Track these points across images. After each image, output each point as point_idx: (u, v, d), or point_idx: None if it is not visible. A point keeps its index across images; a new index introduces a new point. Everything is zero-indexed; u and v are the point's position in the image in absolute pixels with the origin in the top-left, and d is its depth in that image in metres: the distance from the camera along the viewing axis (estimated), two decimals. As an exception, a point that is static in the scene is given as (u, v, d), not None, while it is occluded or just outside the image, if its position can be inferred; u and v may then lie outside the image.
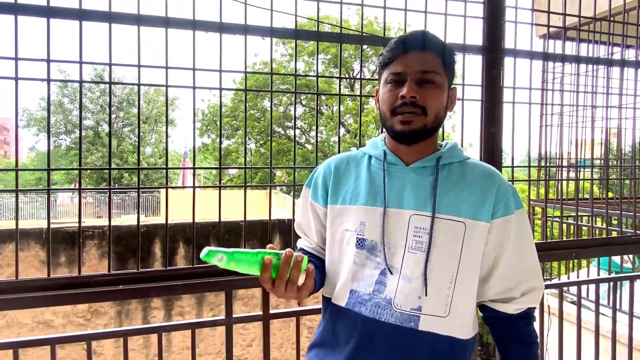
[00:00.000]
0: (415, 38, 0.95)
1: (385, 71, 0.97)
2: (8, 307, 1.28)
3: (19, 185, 1.30)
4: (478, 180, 0.96)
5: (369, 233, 0.94)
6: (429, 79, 0.93)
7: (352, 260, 0.95)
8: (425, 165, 0.97)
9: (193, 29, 1.44)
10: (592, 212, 2.49)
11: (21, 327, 5.11)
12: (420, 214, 0.93)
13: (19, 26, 1.31)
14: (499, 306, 0.98)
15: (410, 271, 0.91)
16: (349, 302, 0.95)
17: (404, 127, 0.93)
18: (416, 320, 0.90)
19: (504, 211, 0.95)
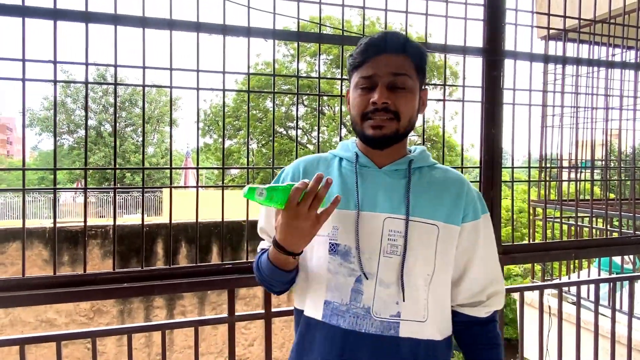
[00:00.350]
0: (386, 40, 0.92)
1: (355, 74, 0.94)
2: (16, 304, 1.30)
3: (21, 185, 1.33)
4: (448, 185, 0.97)
5: (342, 238, 0.91)
6: (400, 83, 0.90)
7: (325, 267, 0.91)
8: (398, 168, 0.96)
9: (197, 31, 1.46)
10: (592, 213, 2.51)
11: (24, 325, 5.14)
12: (394, 217, 0.91)
13: (25, 27, 1.33)
14: (469, 311, 0.99)
15: (386, 276, 0.89)
16: (325, 315, 0.91)
17: (375, 132, 0.91)
18: (396, 327, 0.89)
19: (473, 215, 0.97)
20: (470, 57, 1.84)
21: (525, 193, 11.06)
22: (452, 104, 9.30)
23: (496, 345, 1.00)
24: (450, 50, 1.78)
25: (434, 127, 14.28)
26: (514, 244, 1.93)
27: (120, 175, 17.92)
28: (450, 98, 1.89)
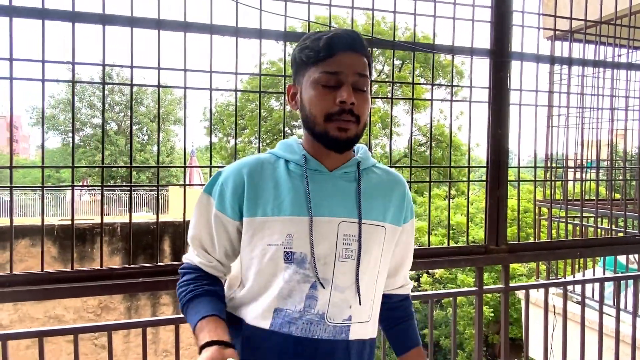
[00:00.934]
0: (350, 38, 0.89)
1: (315, 69, 0.88)
2: (36, 298, 1.34)
3: (28, 183, 1.36)
4: (393, 186, 1.00)
5: (297, 245, 0.87)
6: (362, 85, 0.89)
7: (281, 277, 0.88)
8: (347, 171, 0.95)
9: (210, 33, 1.50)
10: (597, 212, 2.52)
11: (33, 321, 5.21)
12: (348, 221, 0.90)
13: (44, 30, 1.37)
14: (402, 291, 1.10)
15: (341, 281, 0.89)
16: (274, 324, 0.88)
17: (340, 134, 0.88)
18: (347, 331, 0.90)
19: (410, 215, 1.04)
20: (477, 58, 1.87)
21: (530, 193, 11.05)
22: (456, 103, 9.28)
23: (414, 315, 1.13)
24: (458, 51, 1.81)
25: (438, 127, 14.26)
26: (519, 242, 1.96)
27: (126, 173, 18.03)
28: (456, 98, 1.91)
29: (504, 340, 1.94)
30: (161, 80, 1.46)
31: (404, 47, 1.78)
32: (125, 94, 19.05)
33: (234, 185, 0.92)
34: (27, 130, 32.99)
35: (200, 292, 0.91)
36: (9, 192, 1.31)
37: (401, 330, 1.08)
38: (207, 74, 1.51)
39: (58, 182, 18.57)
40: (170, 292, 5.42)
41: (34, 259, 5.21)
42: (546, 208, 4.06)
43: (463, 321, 10.81)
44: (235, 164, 0.95)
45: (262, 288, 0.90)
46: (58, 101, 19.00)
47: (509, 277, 1.93)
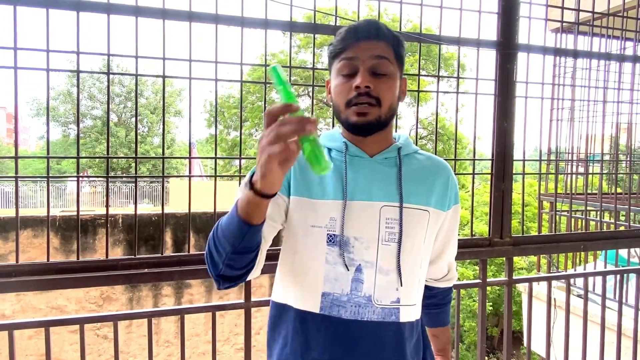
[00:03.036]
0: (367, 26, 0.91)
1: (337, 61, 0.93)
2: (40, 288, 1.34)
3: (29, 174, 1.36)
4: (437, 171, 1.00)
5: (340, 228, 0.90)
6: (381, 68, 0.90)
7: (323, 259, 0.90)
8: (388, 156, 0.96)
9: (216, 23, 1.48)
10: (601, 206, 2.52)
11: (35, 311, 5.24)
12: (390, 205, 0.92)
13: (49, 18, 1.36)
14: (441, 284, 1.13)
15: (385, 264, 0.91)
16: (323, 307, 0.89)
17: (359, 118, 0.90)
18: (397, 313, 0.92)
19: (455, 200, 1.03)
20: (483, 50, 1.85)
21: (532, 187, 11.04)
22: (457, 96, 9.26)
23: (450, 301, 1.18)
24: (465, 42, 1.79)
25: (439, 120, 14.24)
26: (523, 235, 1.95)
27: (126, 165, 18.02)
28: (460, 91, 1.90)
29: (507, 333, 1.94)
30: (161, 71, 1.45)
31: (410, 38, 1.77)
32: (125, 86, 18.98)
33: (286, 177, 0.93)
34: (28, 122, 32.93)
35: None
36: (15, 183, 1.31)
37: (433, 314, 1.16)
38: (209, 65, 1.50)
39: (59, 173, 18.57)
40: (172, 284, 5.44)
41: (36, 249, 5.23)
42: (549, 202, 4.06)
43: (462, 314, 10.86)
44: None
45: (307, 270, 0.91)
46: (58, 92, 18.94)
47: (512, 270, 1.94)
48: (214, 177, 1.52)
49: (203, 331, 5.56)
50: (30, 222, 5.23)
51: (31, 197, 13.63)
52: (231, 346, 5.59)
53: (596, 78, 3.60)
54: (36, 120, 18.79)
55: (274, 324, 0.98)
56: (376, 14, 1.80)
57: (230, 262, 0.81)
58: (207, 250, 0.86)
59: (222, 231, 0.81)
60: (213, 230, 0.84)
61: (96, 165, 17.67)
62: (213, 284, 4.38)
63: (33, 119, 19.02)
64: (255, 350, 1.61)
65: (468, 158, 1.95)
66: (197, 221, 5.53)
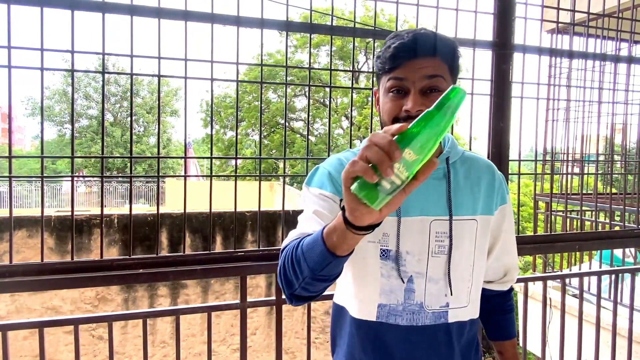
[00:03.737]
0: (420, 43, 0.86)
1: (385, 77, 0.90)
2: (34, 289, 1.33)
3: (24, 174, 1.35)
4: (481, 175, 1.01)
5: (392, 244, 0.93)
6: (434, 86, 0.86)
7: (379, 273, 0.94)
8: (437, 168, 0.95)
9: (211, 22, 1.48)
10: (596, 206, 2.53)
11: (30, 312, 5.20)
12: (440, 219, 0.94)
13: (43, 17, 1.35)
14: (495, 286, 1.12)
15: (435, 274, 0.94)
16: (380, 316, 0.95)
17: None
18: (445, 316, 0.96)
19: (502, 201, 1.03)
20: (479, 50, 1.85)
21: (527, 187, 11.08)
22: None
23: (512, 310, 1.16)
24: (461, 43, 1.79)
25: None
26: (519, 235, 1.96)
27: (122, 165, 17.95)
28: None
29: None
30: (156, 71, 1.44)
31: (406, 38, 1.77)
32: (121, 85, 18.90)
33: (336, 172, 0.93)
34: (23, 121, 32.72)
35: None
36: (9, 182, 1.30)
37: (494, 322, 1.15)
38: (205, 64, 1.49)
39: (54, 173, 18.48)
40: (167, 284, 5.42)
41: (30, 250, 5.19)
42: (545, 202, 4.08)
43: (459, 314, 10.85)
44: (332, 158, 0.99)
45: (363, 282, 0.95)
46: (53, 92, 18.84)
47: (508, 270, 1.94)
48: (210, 177, 1.51)
49: (199, 332, 5.55)
50: (25, 222, 5.19)
51: (26, 197, 13.55)
52: (227, 347, 5.58)
53: (591, 79, 3.62)
54: (31, 119, 18.69)
55: (335, 322, 1.03)
56: (372, 14, 1.79)
57: (307, 287, 0.77)
58: (281, 267, 0.81)
59: (302, 252, 0.74)
60: (292, 248, 0.78)
61: (92, 165, 17.58)
62: (209, 284, 4.33)
63: (28, 118, 18.92)
64: (251, 351, 1.61)
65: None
66: (193, 221, 5.51)
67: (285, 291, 0.81)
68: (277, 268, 0.83)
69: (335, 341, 1.04)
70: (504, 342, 1.14)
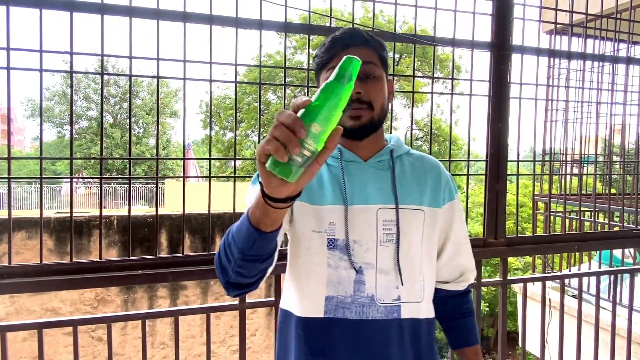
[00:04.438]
0: (349, 35, 0.95)
1: (324, 72, 0.96)
2: (33, 290, 1.34)
3: (23, 175, 1.35)
4: (427, 170, 1.03)
5: (340, 233, 0.92)
6: (369, 72, 0.93)
7: (325, 263, 0.92)
8: (381, 159, 0.99)
9: (210, 24, 1.48)
10: (595, 207, 2.54)
11: (30, 313, 5.20)
12: (386, 207, 0.94)
13: (42, 19, 1.35)
14: (450, 286, 1.10)
15: (385, 264, 0.93)
16: (328, 311, 0.92)
17: (354, 122, 0.93)
18: (398, 310, 0.94)
19: (449, 197, 1.04)
20: (477, 51, 1.86)
21: (526, 187, 11.09)
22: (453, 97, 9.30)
23: (472, 313, 1.13)
24: (459, 44, 1.80)
25: (435, 121, 14.28)
26: (518, 236, 1.96)
27: (121, 166, 17.95)
28: (455, 92, 1.90)
29: (502, 333, 1.95)
30: (155, 72, 1.44)
31: (405, 39, 1.77)
32: (120, 87, 18.91)
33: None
34: (22, 123, 32.73)
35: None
36: (8, 184, 1.30)
37: (452, 327, 1.11)
38: (204, 66, 1.50)
39: (54, 174, 18.48)
40: (167, 285, 5.42)
41: (30, 251, 5.19)
42: (544, 202, 4.08)
43: (458, 314, 10.86)
44: None
45: (310, 274, 0.94)
46: (53, 93, 18.85)
47: (507, 270, 1.94)
48: (209, 178, 1.52)
49: (198, 333, 5.54)
50: (24, 224, 5.19)
51: (25, 199, 13.54)
52: (227, 348, 5.57)
53: (590, 79, 3.63)
54: (31, 121, 18.68)
55: (280, 330, 1.01)
56: (371, 15, 1.80)
57: (239, 270, 0.78)
58: (216, 256, 0.84)
59: (232, 237, 0.77)
60: (225, 235, 0.82)
61: (91, 167, 17.59)
62: (208, 285, 4.34)
63: (28, 119, 18.90)
64: (251, 352, 1.60)
65: (463, 159, 1.97)
66: (192, 222, 5.51)
67: (222, 280, 0.83)
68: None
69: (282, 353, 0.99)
70: (465, 350, 1.09)
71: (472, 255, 1.12)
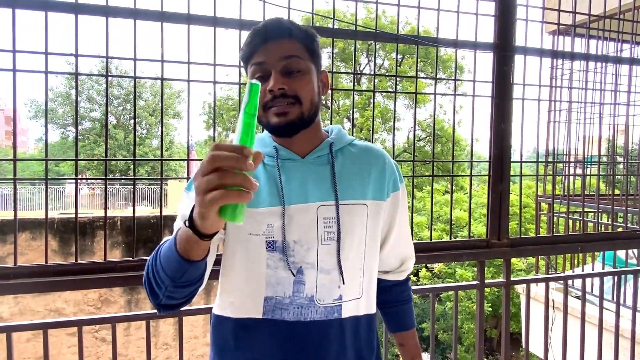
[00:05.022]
0: (271, 27, 0.89)
1: (249, 66, 0.91)
2: (38, 290, 1.35)
3: (27, 176, 1.36)
4: (371, 161, 0.98)
5: (278, 234, 0.88)
6: (293, 66, 0.88)
7: (264, 264, 0.89)
8: (320, 155, 0.94)
9: (214, 26, 1.49)
10: (598, 208, 2.53)
11: (34, 314, 5.22)
12: (325, 204, 0.90)
13: (47, 21, 1.36)
14: (391, 276, 1.09)
15: (326, 264, 0.90)
16: (266, 312, 0.89)
17: (280, 119, 0.87)
18: (339, 310, 0.91)
19: (393, 187, 1.00)
20: (480, 52, 1.86)
21: (529, 188, 11.06)
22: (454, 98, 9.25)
23: (410, 299, 1.14)
24: (462, 45, 1.80)
25: (438, 122, 14.26)
26: (521, 237, 1.96)
27: (125, 167, 18.00)
28: (458, 93, 1.90)
29: (505, 334, 1.95)
30: (159, 74, 1.45)
31: (407, 40, 1.78)
32: (124, 88, 18.97)
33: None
34: (25, 124, 32.88)
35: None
36: (13, 185, 1.31)
37: (391, 314, 1.12)
38: (207, 67, 1.50)
39: (57, 175, 18.55)
40: (170, 286, 5.44)
41: (34, 252, 5.22)
42: (547, 203, 4.07)
43: (461, 315, 10.86)
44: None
45: (248, 276, 0.90)
46: (56, 94, 18.92)
47: (510, 271, 1.94)
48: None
49: (201, 333, 5.55)
50: (28, 225, 5.22)
51: (29, 200, 13.59)
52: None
53: (593, 80, 3.62)
54: (34, 122, 18.76)
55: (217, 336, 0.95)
56: (374, 16, 1.81)
57: (170, 294, 0.78)
58: (145, 277, 0.81)
59: (161, 264, 0.76)
60: (151, 258, 0.80)
61: (94, 168, 17.63)
62: (211, 286, 4.35)
63: (31, 120, 18.98)
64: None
65: (466, 160, 1.97)
66: (195, 223, 5.53)
67: (152, 301, 0.82)
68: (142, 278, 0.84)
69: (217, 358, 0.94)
70: (403, 333, 1.11)
71: (411, 242, 1.10)
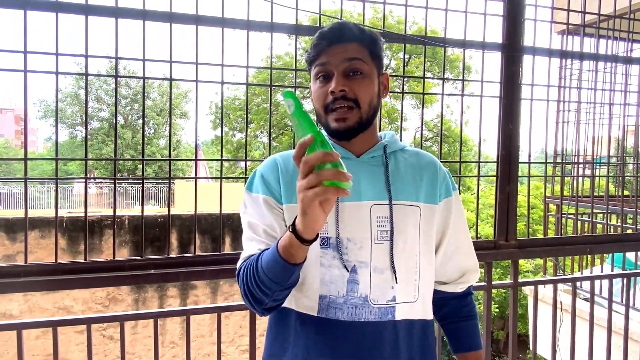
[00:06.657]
0: (336, 30, 0.92)
1: (313, 67, 0.94)
2: (48, 288, 1.36)
3: (36, 175, 1.38)
4: (423, 166, 1.00)
5: (332, 230, 0.89)
6: (355, 68, 0.90)
7: (318, 262, 0.89)
8: (375, 155, 0.96)
9: (222, 26, 1.50)
10: (608, 209, 2.51)
11: (42, 312, 5.28)
12: (379, 203, 0.92)
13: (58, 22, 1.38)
14: (447, 287, 1.05)
15: (379, 262, 0.90)
16: (321, 310, 0.90)
17: (339, 124, 0.90)
18: (392, 312, 0.91)
19: (446, 193, 1.01)
20: (488, 52, 1.85)
21: (537, 189, 10.98)
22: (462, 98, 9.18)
23: (473, 316, 1.08)
24: (470, 45, 1.79)
25: (445, 122, 14.19)
26: (529, 238, 1.95)
27: (132, 167, 18.12)
28: (466, 93, 1.90)
29: (512, 336, 1.94)
30: (167, 74, 1.46)
31: (415, 40, 1.78)
32: (132, 88, 19.10)
33: (272, 174, 0.95)
34: (35, 123, 33.30)
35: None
36: (24, 184, 1.32)
37: (451, 330, 1.08)
38: (215, 68, 1.51)
39: (66, 174, 18.72)
40: (177, 285, 5.46)
41: (43, 250, 5.27)
42: (555, 204, 4.04)
43: (468, 317, 10.78)
44: (270, 158, 0.99)
45: (303, 274, 0.90)
46: (65, 94, 19.10)
47: (518, 273, 1.93)
48: (220, 179, 1.53)
49: (208, 332, 5.58)
50: (37, 223, 5.28)
51: (38, 199, 13.74)
52: (236, 347, 5.60)
53: (603, 80, 3.59)
54: (43, 121, 18.95)
55: (275, 325, 0.97)
56: (381, 16, 1.80)
57: (277, 297, 0.84)
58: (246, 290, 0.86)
59: (265, 274, 0.81)
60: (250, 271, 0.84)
61: (102, 167, 17.78)
62: (218, 285, 4.37)
63: (40, 120, 19.18)
64: (261, 352, 1.62)
65: (473, 160, 1.96)
66: (202, 222, 5.55)
67: (257, 308, 0.87)
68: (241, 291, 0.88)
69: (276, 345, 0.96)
70: (466, 354, 1.04)
71: (474, 255, 1.07)
